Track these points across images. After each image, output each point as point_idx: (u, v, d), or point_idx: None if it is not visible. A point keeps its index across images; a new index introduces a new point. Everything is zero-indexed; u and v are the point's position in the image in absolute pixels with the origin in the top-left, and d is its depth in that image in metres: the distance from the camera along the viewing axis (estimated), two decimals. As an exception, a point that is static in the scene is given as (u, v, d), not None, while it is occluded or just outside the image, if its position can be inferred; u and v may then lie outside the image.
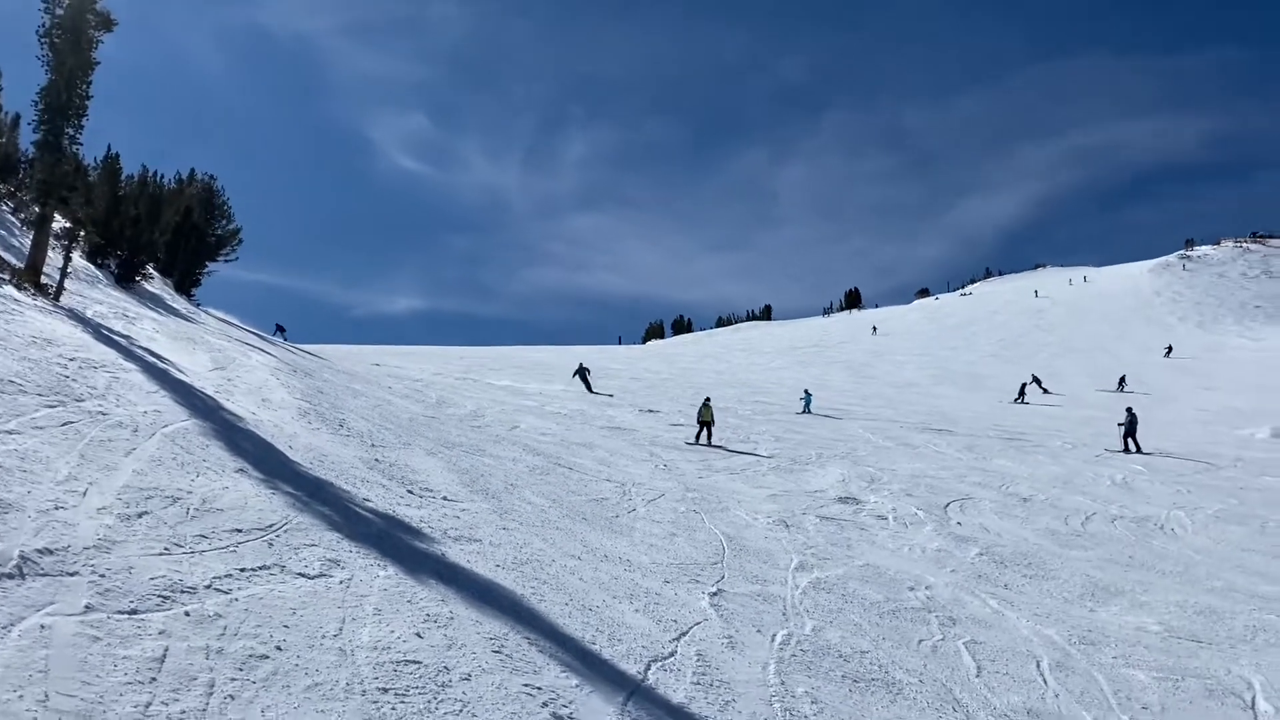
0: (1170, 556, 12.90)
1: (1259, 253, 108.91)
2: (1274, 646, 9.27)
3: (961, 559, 11.94)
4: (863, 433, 24.67)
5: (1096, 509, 15.81)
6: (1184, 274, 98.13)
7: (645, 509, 12.74)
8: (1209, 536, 14.27)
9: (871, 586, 10.17)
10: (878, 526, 13.48)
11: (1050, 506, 15.87)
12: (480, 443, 15.91)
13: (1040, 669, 8.10)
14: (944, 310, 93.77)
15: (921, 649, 8.31)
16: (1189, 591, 11.15)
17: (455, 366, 35.99)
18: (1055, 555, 12.54)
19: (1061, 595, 10.71)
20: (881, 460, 19.83)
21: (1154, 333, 70.85)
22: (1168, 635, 9.46)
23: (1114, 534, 14.11)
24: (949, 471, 18.83)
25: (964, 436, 24.97)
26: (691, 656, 6.96)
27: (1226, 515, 15.85)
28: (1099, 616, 9.98)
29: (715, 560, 10.38)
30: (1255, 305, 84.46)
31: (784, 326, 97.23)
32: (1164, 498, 17.23)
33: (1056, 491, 17.27)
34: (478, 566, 7.87)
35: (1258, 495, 18.02)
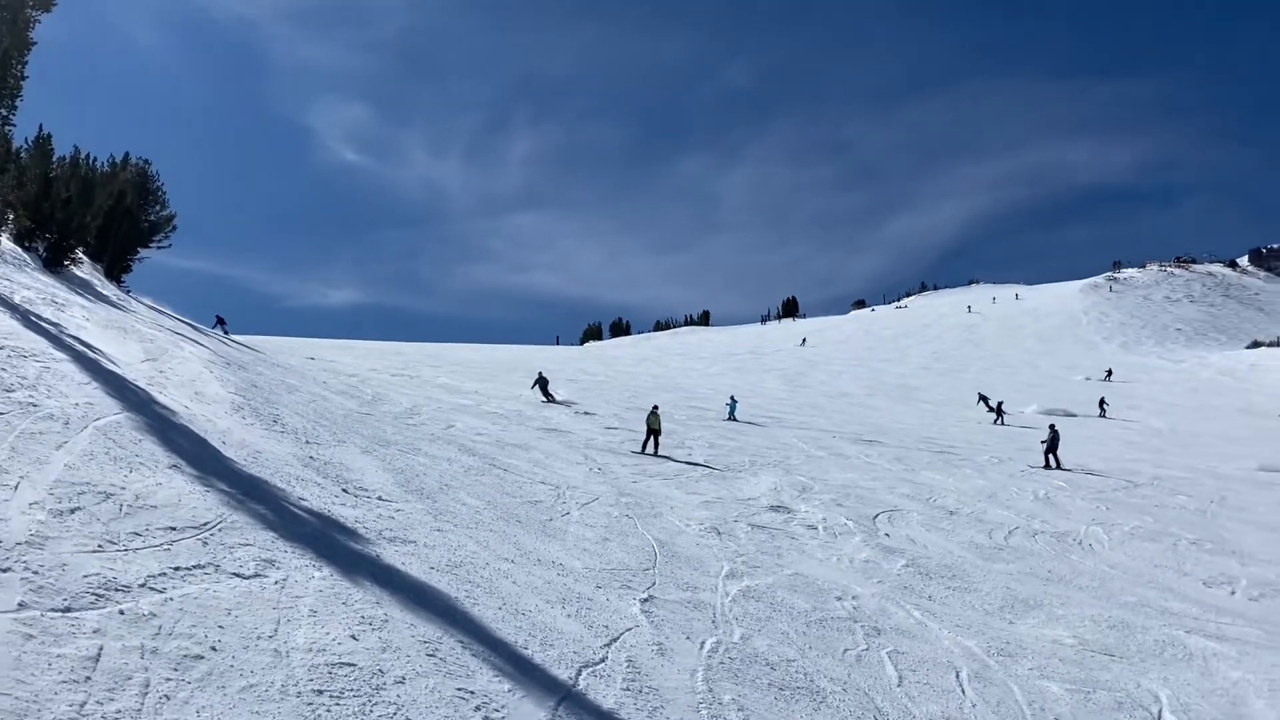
0: (1087, 571, 13.35)
1: (1182, 277, 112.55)
2: (1181, 661, 9.69)
3: (888, 570, 12.23)
4: (796, 442, 25.03)
5: (1019, 523, 16.28)
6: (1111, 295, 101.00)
7: (579, 513, 12.83)
8: (1124, 553, 14.80)
9: (800, 595, 10.38)
10: (808, 536, 13.73)
11: (975, 520, 16.30)
12: (415, 441, 15.87)
13: (959, 679, 8.37)
14: (879, 322, 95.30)
15: (846, 658, 8.53)
16: (1104, 606, 11.57)
17: (392, 362, 35.71)
18: (978, 568, 12.91)
19: (983, 607, 11.04)
20: (814, 470, 20.17)
21: (1080, 351, 72.84)
22: (1082, 648, 9.82)
23: (1035, 548, 14.55)
24: (879, 482, 19.22)
25: (894, 448, 25.46)
26: (622, 663, 7.08)
27: (1142, 532, 16.43)
28: (1017, 629, 10.32)
29: (647, 566, 10.52)
30: (1176, 328, 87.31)
31: (722, 332, 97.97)
32: (1084, 514, 17.79)
33: (982, 505, 17.74)
34: (412, 568, 7.90)
35: (1172, 514, 18.69)
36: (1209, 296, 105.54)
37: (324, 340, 51.33)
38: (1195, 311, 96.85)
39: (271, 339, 42.19)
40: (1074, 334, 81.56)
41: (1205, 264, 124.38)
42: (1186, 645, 10.15)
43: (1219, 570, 14.08)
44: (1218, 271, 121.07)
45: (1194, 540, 16.11)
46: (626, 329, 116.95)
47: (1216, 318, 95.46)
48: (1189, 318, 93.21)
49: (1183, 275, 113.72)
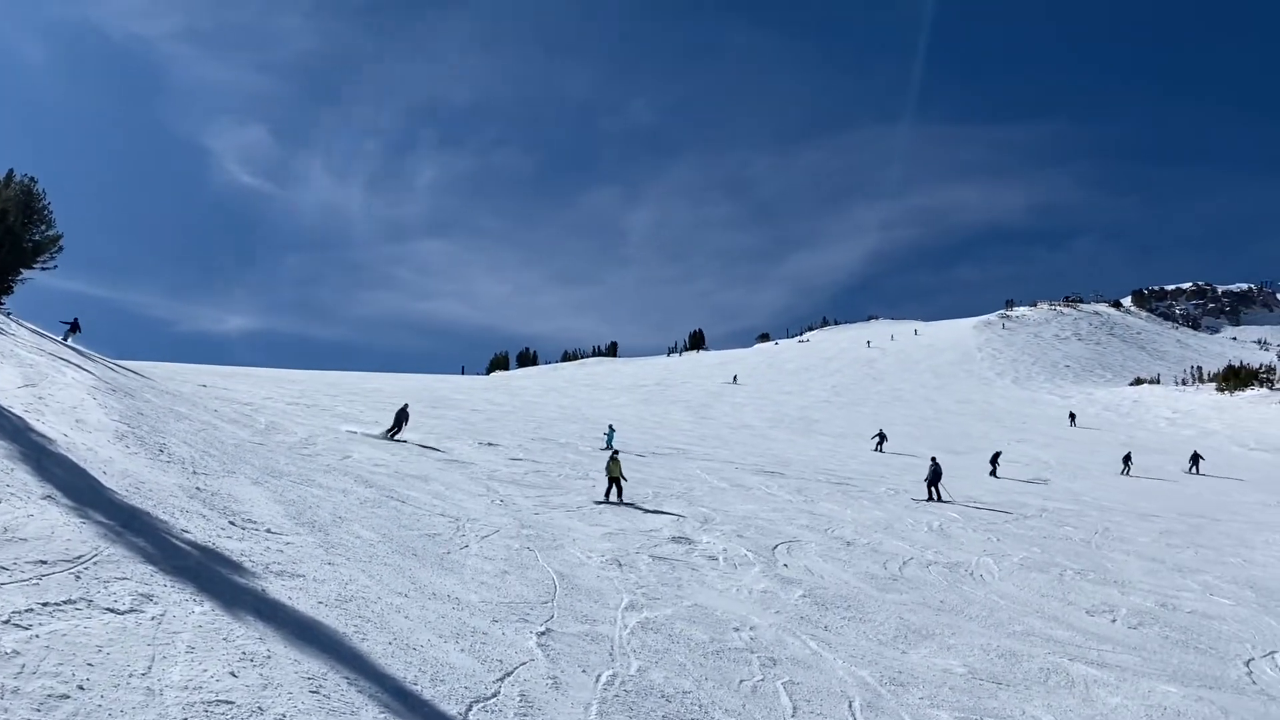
0: (978, 601, 13.68)
1: (1070, 316, 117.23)
2: (1064, 688, 9.96)
3: (786, 600, 12.33)
4: (699, 473, 25.17)
5: (914, 554, 16.61)
6: (1004, 332, 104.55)
7: (478, 545, 12.65)
8: (1013, 583, 15.21)
9: (698, 627, 10.39)
10: (708, 567, 13.77)
11: (871, 551, 16.58)
12: (310, 472, 15.48)
13: (852, 709, 8.46)
14: (782, 355, 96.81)
15: (742, 689, 8.55)
16: (993, 635, 11.85)
17: (288, 391, 34.81)
18: (873, 598, 13.11)
19: (877, 637, 11.20)
20: (716, 501, 20.29)
21: (974, 386, 75.06)
22: (971, 677, 10.02)
23: (928, 579, 14.85)
24: (779, 514, 19.42)
25: (795, 480, 25.80)
26: (514, 697, 6.97)
27: (1030, 563, 16.92)
28: (910, 658, 10.49)
29: (546, 599, 10.41)
30: (1065, 365, 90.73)
31: (629, 364, 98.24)
32: (975, 545, 18.26)
33: (878, 536, 18.06)
34: (299, 603, 7.67)
35: (1059, 545, 19.31)
36: (1095, 335, 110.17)
37: (217, 367, 49.75)
38: (1083, 349, 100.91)
39: (161, 365, 40.76)
40: (968, 369, 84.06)
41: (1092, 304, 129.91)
42: (1069, 672, 10.45)
43: (1101, 599, 14.57)
44: (1103, 311, 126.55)
45: (1079, 570, 16.66)
46: (534, 359, 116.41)
47: (1102, 355, 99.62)
48: (1077, 355, 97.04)
49: (1071, 314, 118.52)
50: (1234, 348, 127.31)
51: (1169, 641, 12.51)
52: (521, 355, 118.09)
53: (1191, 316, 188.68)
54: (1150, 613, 14.03)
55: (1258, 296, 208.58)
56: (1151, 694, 9.99)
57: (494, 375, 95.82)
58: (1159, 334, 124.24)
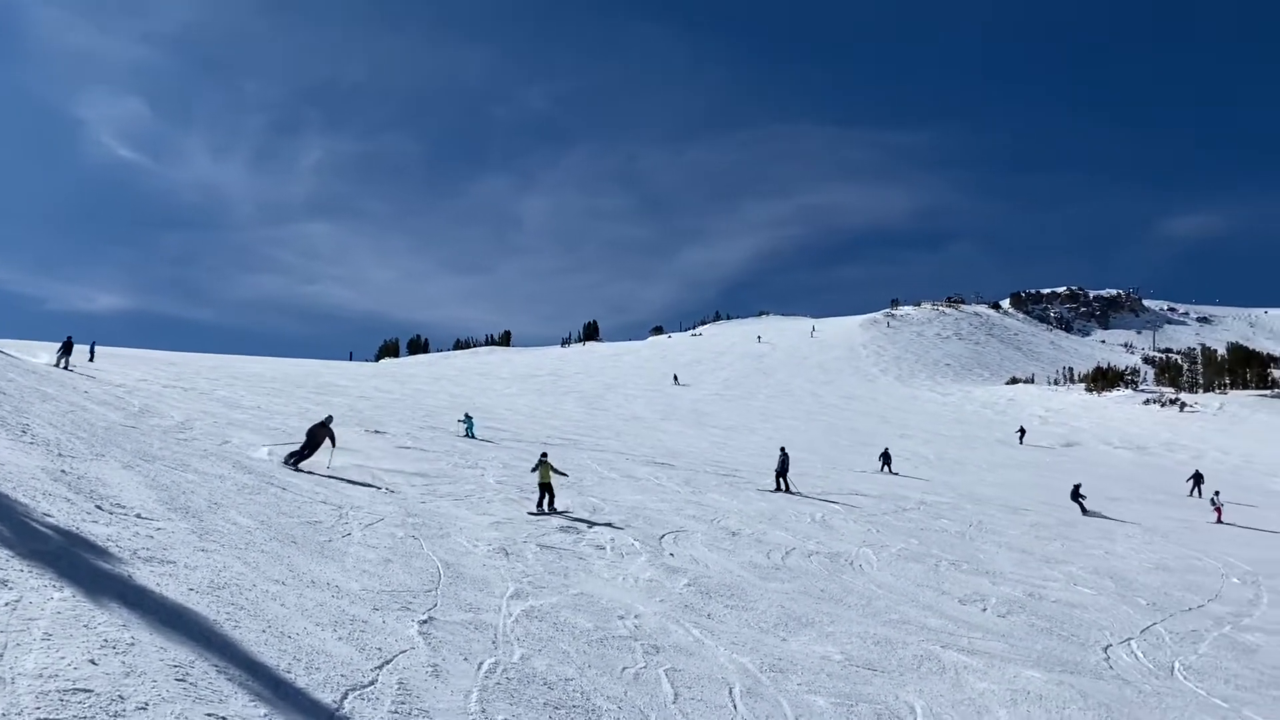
0: (856, 590, 14.03)
1: (952, 316, 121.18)
2: (936, 674, 10.30)
3: (671, 589, 12.43)
4: (590, 463, 25.19)
5: (796, 544, 16.94)
6: (888, 330, 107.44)
7: (361, 534, 12.40)
8: (891, 573, 15.65)
9: (583, 615, 10.39)
10: (596, 556, 13.79)
11: (756, 541, 16.84)
12: (185, 457, 14.93)
13: (732, 696, 8.58)
14: (675, 349, 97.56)
15: (624, 676, 8.58)
16: (869, 623, 12.17)
17: (164, 373, 33.52)
18: (756, 587, 13.33)
19: (758, 625, 11.38)
20: (605, 491, 20.33)
21: (859, 382, 76.98)
22: (848, 664, 10.28)
23: (809, 568, 15.17)
24: (667, 504, 19.57)
25: (684, 471, 26.04)
26: (392, 685, 6.85)
27: (907, 554, 17.44)
28: (790, 646, 10.69)
29: (429, 587, 10.27)
30: (945, 363, 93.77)
31: (522, 354, 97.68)
32: (856, 535, 18.73)
33: (762, 526, 18.36)
34: (168, 590, 7.39)
35: (935, 536, 19.96)
36: (975, 335, 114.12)
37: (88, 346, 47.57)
38: (963, 348, 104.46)
39: (28, 343, 38.79)
40: (854, 366, 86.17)
41: (973, 304, 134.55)
42: (941, 659, 10.81)
43: (973, 589, 15.13)
44: (983, 312, 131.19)
45: (953, 561, 17.25)
46: (425, 346, 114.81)
47: (981, 355, 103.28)
48: (957, 354, 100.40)
49: (953, 314, 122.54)
50: (1103, 350, 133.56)
51: (1034, 629, 13.06)
52: (412, 343, 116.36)
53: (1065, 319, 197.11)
54: (1018, 601, 14.62)
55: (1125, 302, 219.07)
56: (1017, 679, 10.41)
57: (383, 362, 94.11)
58: (1034, 335, 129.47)
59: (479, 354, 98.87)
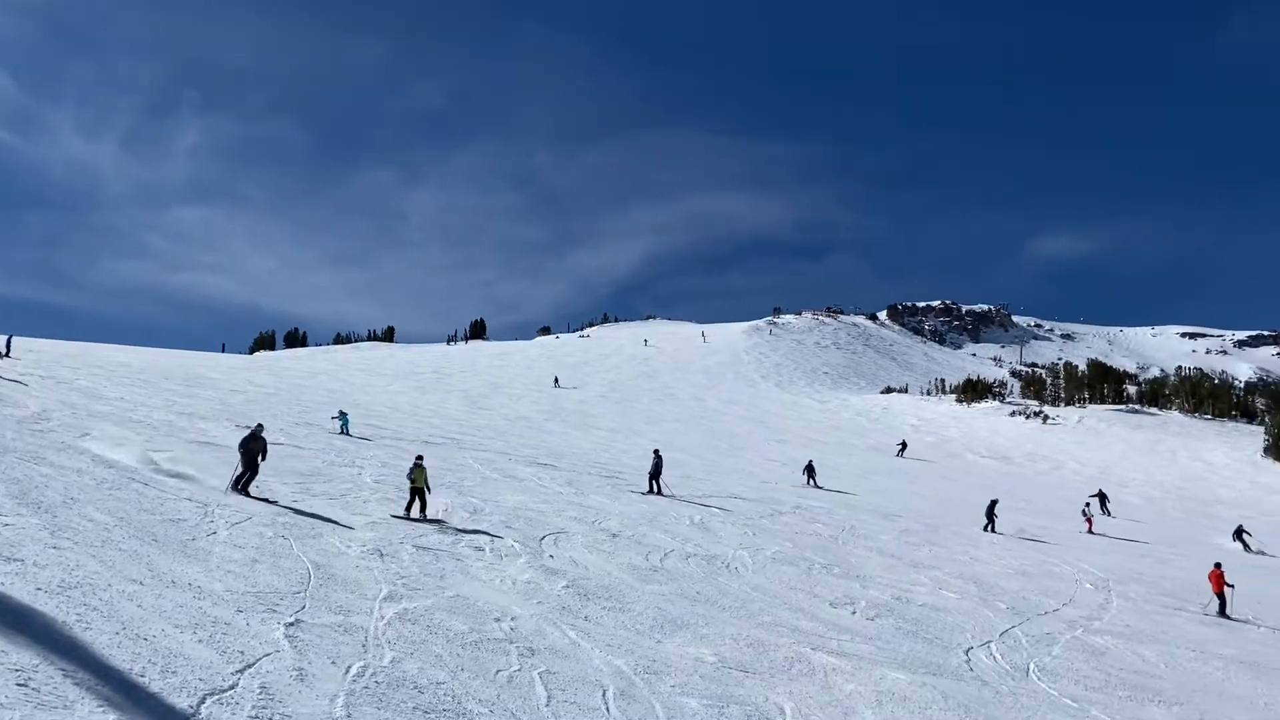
0: (732, 593, 14.22)
1: (831, 326, 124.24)
2: (806, 676, 10.50)
3: (549, 591, 12.37)
4: (472, 463, 24.90)
5: (675, 546, 17.08)
6: (770, 338, 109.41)
7: (228, 532, 11.97)
8: (766, 576, 15.91)
9: (459, 617, 10.25)
10: (474, 557, 13.63)
11: (635, 543, 16.91)
12: (40, 449, 14.17)
13: (605, 698, 8.58)
14: (563, 349, 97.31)
15: (498, 679, 8.50)
16: (743, 626, 12.34)
17: (20, 361, 31.75)
18: (634, 589, 13.37)
19: (635, 627, 11.42)
20: (486, 491, 20.13)
21: (741, 388, 78.16)
22: (721, 665, 10.39)
23: (687, 570, 15.31)
24: (549, 505, 19.49)
25: (567, 472, 25.98)
26: (254, 689, 6.62)
27: (782, 557, 17.77)
28: (665, 647, 10.76)
29: (298, 589, 9.98)
30: (824, 371, 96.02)
31: (406, 350, 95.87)
32: (733, 538, 18.99)
33: (643, 529, 18.44)
34: (14, 590, 6.99)
35: (809, 540, 20.38)
36: (853, 345, 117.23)
37: None
38: (841, 357, 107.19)
39: None
40: (737, 372, 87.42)
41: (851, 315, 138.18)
42: (811, 661, 11.03)
43: (844, 592, 15.50)
44: (861, 323, 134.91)
45: (825, 565, 17.65)
46: (303, 340, 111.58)
47: (858, 364, 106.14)
48: (835, 362, 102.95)
49: (832, 324, 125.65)
50: (973, 363, 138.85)
51: (901, 632, 13.45)
52: (290, 336, 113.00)
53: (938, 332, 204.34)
54: (886, 605, 15.05)
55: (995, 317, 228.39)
56: (883, 680, 10.70)
57: (258, 355, 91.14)
58: (909, 347, 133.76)
59: (360, 349, 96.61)
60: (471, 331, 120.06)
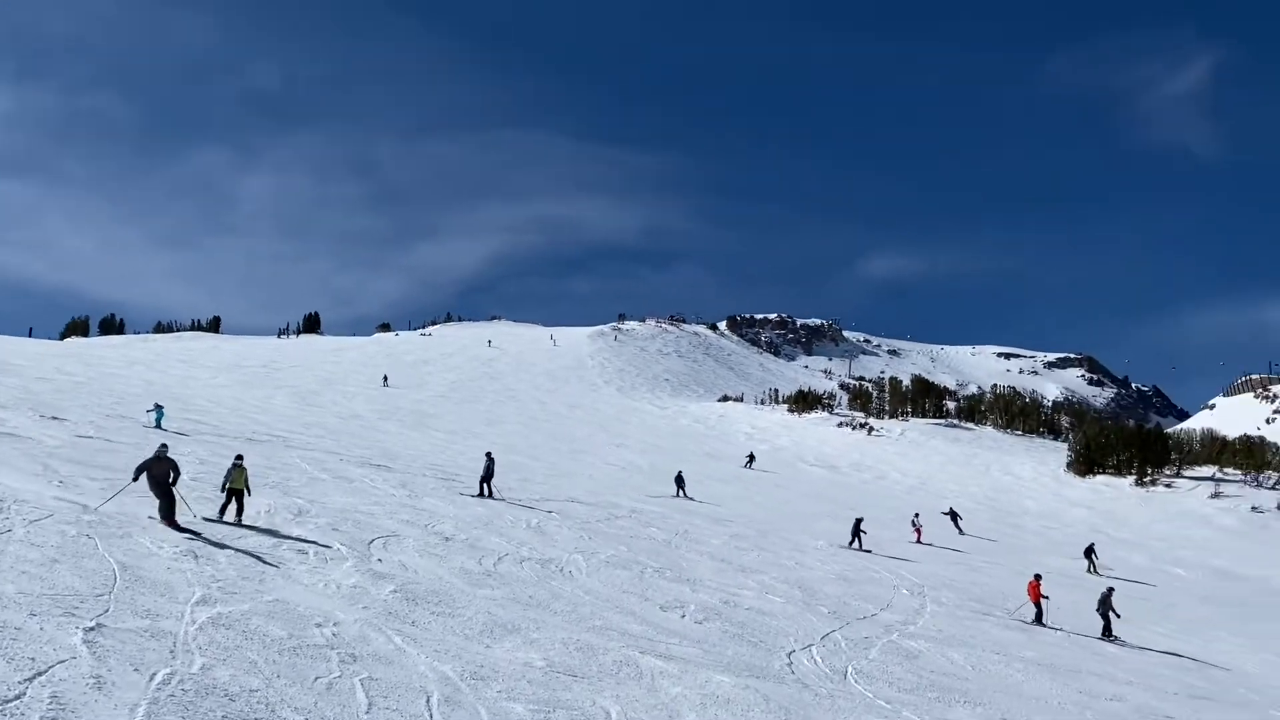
0: (564, 597, 14.19)
1: (673, 334, 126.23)
2: (633, 680, 10.57)
3: (376, 596, 12.04)
4: (299, 462, 24.03)
5: (510, 550, 16.92)
6: (615, 344, 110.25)
7: (25, 530, 11.14)
8: (599, 579, 15.96)
9: (277, 623, 9.84)
10: (297, 560, 13.12)
11: (469, 546, 16.67)
12: None
13: (429, 704, 8.40)
14: (402, 347, 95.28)
15: (316, 686, 8.20)
16: (574, 629, 12.33)
17: None
18: (465, 593, 13.17)
19: (464, 632, 11.24)
20: (314, 492, 19.45)
21: (583, 391, 78.43)
22: (549, 670, 10.34)
23: (520, 574, 15.19)
24: (380, 508, 18.99)
25: (401, 474, 25.40)
26: (44, 699, 6.16)
27: (616, 560, 17.87)
28: (493, 652, 10.63)
29: (101, 592, 9.37)
30: (665, 378, 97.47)
31: (233, 342, 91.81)
32: (569, 542, 18.97)
33: (478, 532, 18.20)
34: None
35: (643, 544, 20.58)
36: (694, 353, 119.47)
37: None
38: (682, 365, 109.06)
39: None
40: (580, 375, 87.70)
41: (693, 324, 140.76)
42: (639, 664, 11.12)
43: (674, 596, 15.71)
44: (702, 332, 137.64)
45: (658, 568, 17.85)
46: (120, 328, 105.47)
47: (698, 372, 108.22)
48: (676, 370, 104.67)
49: (674, 332, 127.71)
50: (805, 375, 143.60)
51: (727, 635, 13.73)
52: (105, 322, 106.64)
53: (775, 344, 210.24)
54: (715, 609, 15.34)
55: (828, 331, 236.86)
56: (708, 683, 10.88)
57: (69, 342, 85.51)
58: (746, 357, 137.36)
59: (183, 339, 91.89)
60: (305, 325, 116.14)
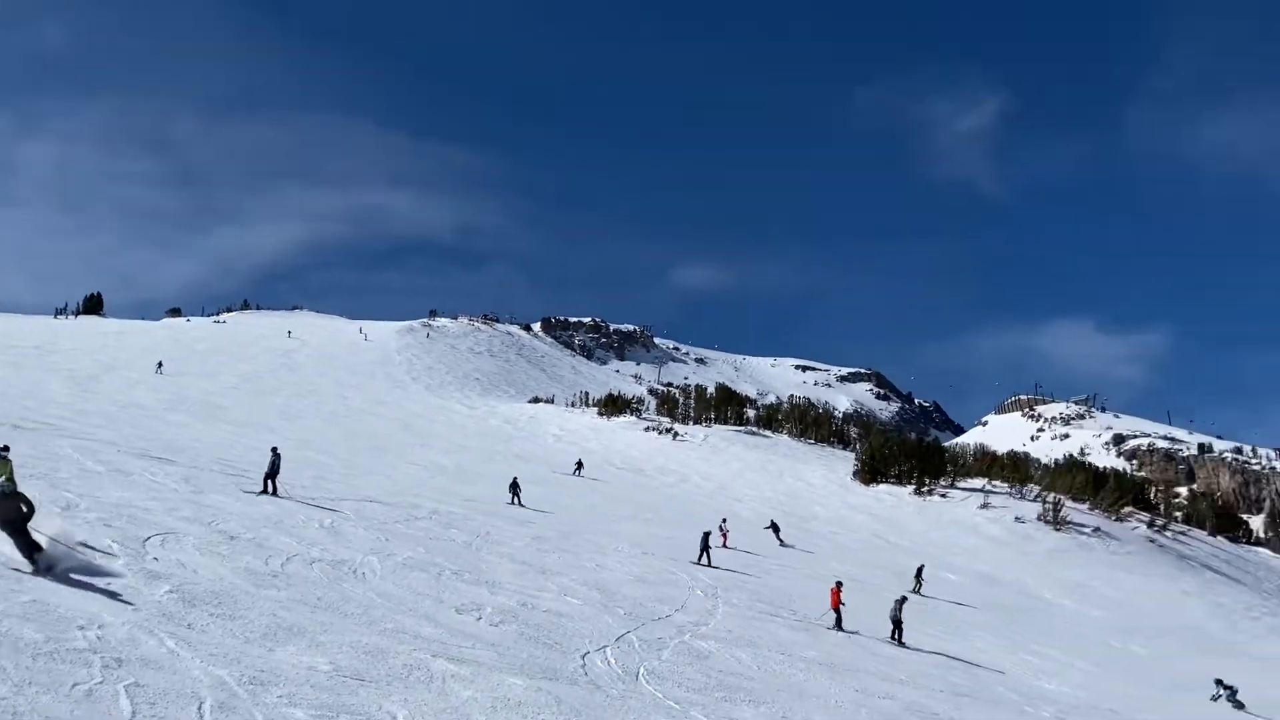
0: (356, 599, 13.79)
1: (486, 333, 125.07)
2: (423, 683, 10.38)
3: (149, 596, 11.33)
4: (71, 452, 22.34)
5: (300, 550, 16.29)
6: (425, 340, 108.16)
7: None
8: (394, 582, 15.60)
9: (33, 625, 9.09)
10: (60, 558, 12.17)
11: (256, 545, 15.94)
12: None
13: (201, 711, 7.97)
14: (193, 334, 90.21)
15: (75, 693, 7.63)
16: (364, 632, 12.00)
17: None
18: (248, 594, 12.58)
19: (244, 635, 10.73)
20: (85, 485, 18.13)
21: (388, 388, 76.51)
22: (335, 674, 10.01)
23: (310, 575, 14.66)
24: (159, 503, 17.90)
25: (185, 468, 24.03)
26: None
27: (413, 562, 17.51)
28: (276, 656, 10.21)
29: None
30: (475, 377, 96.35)
31: (3, 320, 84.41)
32: (364, 543, 18.45)
33: (266, 531, 17.43)
34: None
35: (443, 546, 20.27)
36: (506, 353, 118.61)
37: None
38: (493, 365, 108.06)
39: None
40: (387, 372, 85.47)
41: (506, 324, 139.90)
42: (430, 668, 10.93)
43: (471, 599, 15.55)
44: (515, 332, 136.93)
45: (456, 571, 17.62)
46: None
47: (509, 373, 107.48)
48: (487, 369, 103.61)
49: (487, 331, 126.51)
50: (616, 379, 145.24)
51: (523, 638, 13.71)
52: None
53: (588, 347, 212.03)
54: (512, 611, 15.28)
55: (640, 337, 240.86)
56: (500, 686, 10.82)
57: None
58: (559, 359, 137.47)
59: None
60: (86, 306, 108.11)
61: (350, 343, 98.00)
